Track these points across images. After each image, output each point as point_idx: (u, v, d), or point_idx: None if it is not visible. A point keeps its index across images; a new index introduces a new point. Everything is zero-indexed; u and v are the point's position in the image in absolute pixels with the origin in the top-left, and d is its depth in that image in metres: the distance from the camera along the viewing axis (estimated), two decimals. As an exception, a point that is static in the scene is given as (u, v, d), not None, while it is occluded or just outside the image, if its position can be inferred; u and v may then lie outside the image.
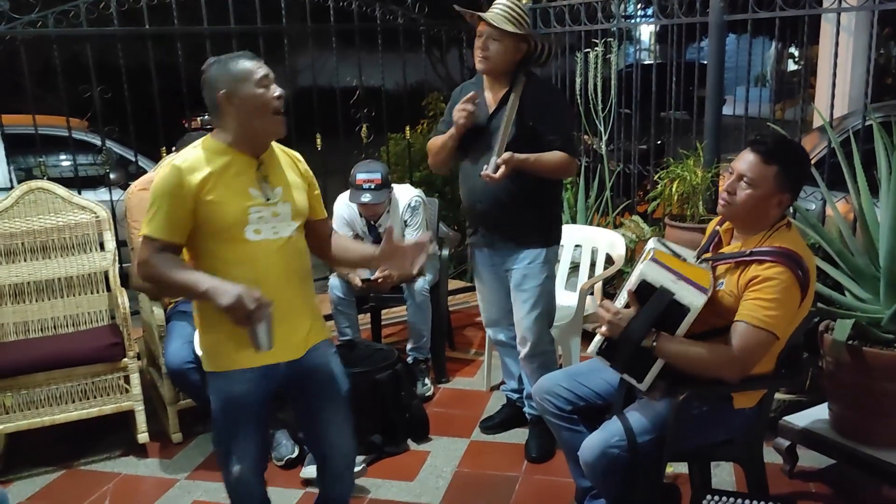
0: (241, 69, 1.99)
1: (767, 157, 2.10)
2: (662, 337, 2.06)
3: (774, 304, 2.02)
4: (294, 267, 2.10)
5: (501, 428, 3.26)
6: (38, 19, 3.64)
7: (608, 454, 2.11)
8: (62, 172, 4.91)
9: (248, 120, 1.99)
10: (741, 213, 2.15)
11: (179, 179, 1.95)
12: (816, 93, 5.31)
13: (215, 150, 2.01)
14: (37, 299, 3.35)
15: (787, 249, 2.07)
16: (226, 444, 2.11)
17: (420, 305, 3.61)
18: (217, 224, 1.98)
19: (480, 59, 2.79)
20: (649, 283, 2.07)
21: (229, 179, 1.99)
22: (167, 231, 1.97)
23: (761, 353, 2.07)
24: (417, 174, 5.19)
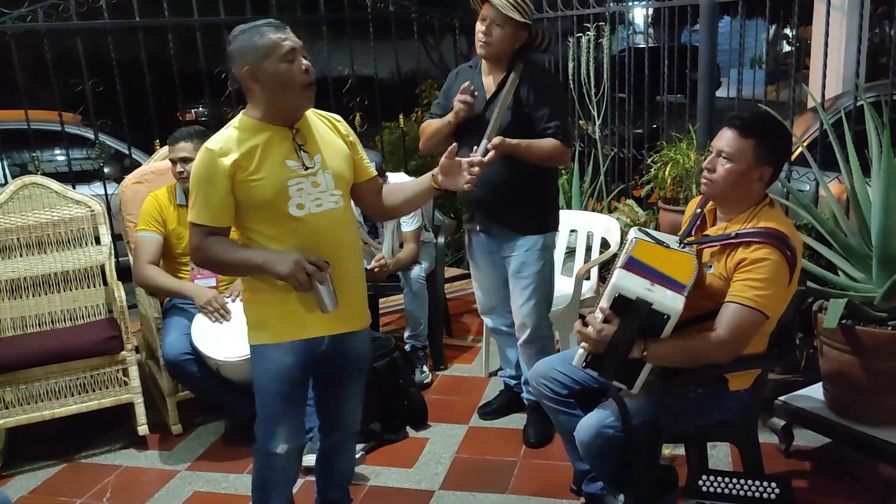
0: (266, 43, 1.93)
1: (744, 131, 2.11)
2: (650, 346, 2.02)
3: (765, 284, 2.03)
4: (342, 240, 2.09)
5: (499, 414, 3.28)
6: (28, 13, 3.63)
7: (603, 434, 2.13)
8: (56, 167, 4.91)
9: (275, 96, 1.96)
10: (723, 189, 2.15)
11: (213, 162, 1.94)
12: (810, 73, 5.31)
13: (248, 128, 1.99)
14: (33, 294, 3.36)
15: (773, 230, 2.08)
16: (275, 422, 2.13)
17: (416, 293, 3.62)
18: (257, 201, 1.97)
19: (482, 43, 2.78)
20: (624, 296, 2.02)
21: (265, 154, 1.97)
22: (209, 216, 1.98)
23: (752, 333, 2.08)
24: (413, 163, 5.18)
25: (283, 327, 2.06)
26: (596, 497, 2.47)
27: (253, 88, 1.97)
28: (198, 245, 2.00)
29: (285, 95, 1.96)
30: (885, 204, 2.60)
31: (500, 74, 2.83)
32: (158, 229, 3.19)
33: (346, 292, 2.07)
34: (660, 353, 2.04)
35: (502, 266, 3.01)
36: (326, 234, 2.03)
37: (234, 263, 2.02)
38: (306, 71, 1.96)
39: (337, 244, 2.06)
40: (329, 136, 2.11)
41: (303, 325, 2.06)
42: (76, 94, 3.94)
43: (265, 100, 1.97)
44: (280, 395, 2.12)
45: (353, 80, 4.52)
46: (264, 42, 1.92)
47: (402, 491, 2.78)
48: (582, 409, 2.34)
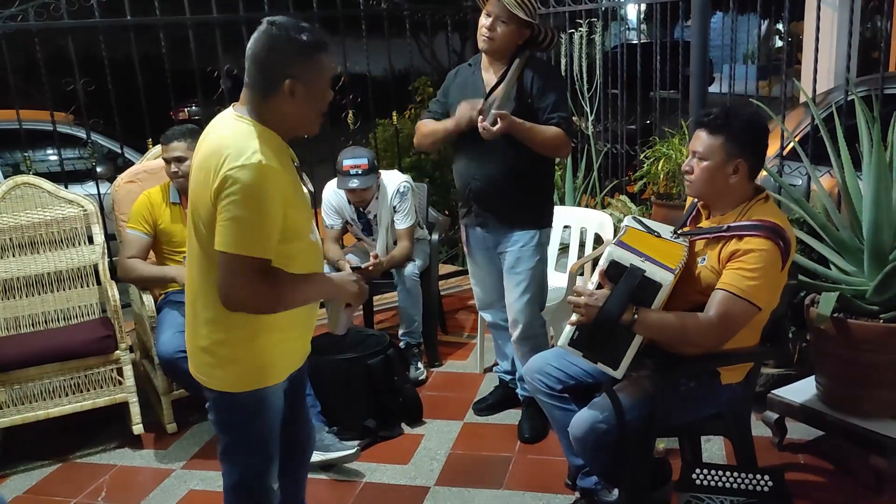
0: (324, 63, 1.72)
1: (712, 129, 2.16)
2: (641, 311, 2.04)
3: (757, 275, 2.04)
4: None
5: (494, 409, 3.29)
6: (19, 13, 3.61)
7: (597, 429, 2.14)
8: (49, 167, 4.89)
9: (303, 115, 1.75)
10: (703, 188, 2.20)
11: (277, 182, 1.66)
12: (802, 68, 5.33)
13: (270, 141, 1.71)
14: (27, 294, 3.35)
15: (766, 221, 2.09)
16: (268, 463, 1.91)
17: (410, 290, 3.63)
18: (294, 229, 1.74)
19: (486, 38, 2.79)
20: (618, 263, 2.07)
21: (291, 175, 1.76)
22: (271, 245, 1.66)
23: (741, 323, 2.08)
24: (406, 160, 5.18)
25: (285, 362, 1.88)
26: (590, 491, 2.48)
27: (282, 98, 1.69)
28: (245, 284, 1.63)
29: (312, 116, 1.77)
30: (877, 198, 2.61)
31: (500, 70, 2.84)
32: (147, 229, 3.20)
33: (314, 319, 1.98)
34: (649, 320, 2.04)
35: (498, 261, 3.02)
36: (320, 255, 1.95)
37: (305, 296, 1.79)
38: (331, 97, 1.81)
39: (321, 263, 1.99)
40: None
41: (299, 352, 1.94)
42: (68, 93, 3.93)
43: (286, 115, 1.72)
44: (274, 437, 1.91)
45: (346, 77, 4.52)
46: (324, 61, 1.72)
47: (397, 487, 2.78)
48: (576, 403, 2.34)
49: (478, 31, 2.84)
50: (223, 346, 1.78)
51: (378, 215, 3.69)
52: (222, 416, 1.86)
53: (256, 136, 1.68)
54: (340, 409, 3.06)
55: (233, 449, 1.89)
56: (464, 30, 5.13)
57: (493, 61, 2.86)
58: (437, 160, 5.16)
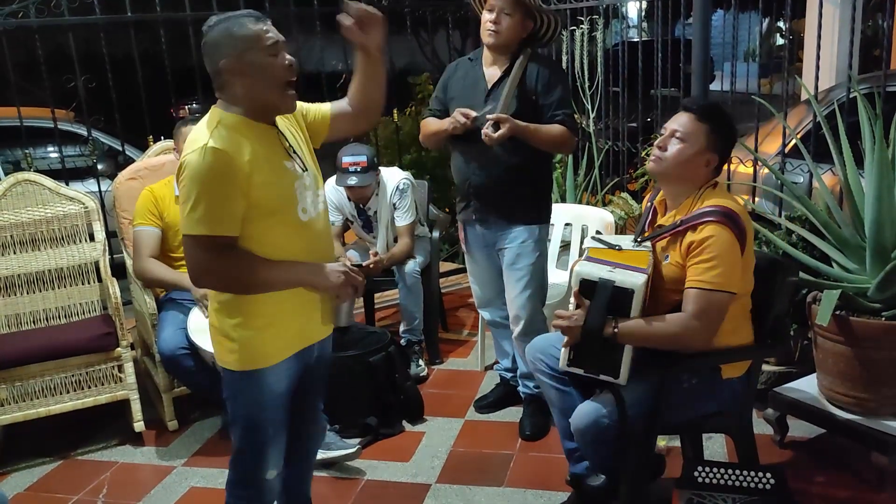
0: (247, 34, 1.75)
1: (700, 116, 2.18)
2: (620, 322, 2.08)
3: (715, 262, 2.07)
4: (332, 239, 2.04)
5: (495, 407, 3.28)
6: (19, 10, 3.61)
7: (599, 423, 2.14)
8: (50, 164, 4.89)
9: (256, 92, 1.78)
10: (672, 167, 2.20)
11: (229, 162, 1.71)
12: (804, 66, 5.31)
13: (237, 126, 1.78)
14: (28, 291, 3.35)
15: (717, 206, 2.12)
16: (263, 450, 1.95)
17: (411, 288, 3.62)
18: (266, 209, 1.78)
19: (491, 32, 2.78)
20: (588, 280, 2.12)
21: (266, 155, 1.79)
22: (232, 224, 1.74)
23: (720, 314, 2.10)
24: (407, 157, 5.18)
25: (279, 344, 1.88)
26: (580, 476, 2.48)
27: (231, 83, 1.78)
28: (216, 262, 1.74)
29: (268, 91, 1.79)
30: (879, 195, 2.60)
31: (502, 66, 2.84)
32: (156, 223, 3.19)
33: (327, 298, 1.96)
34: (629, 330, 2.09)
35: (497, 258, 3.02)
36: (322, 235, 1.95)
37: (272, 280, 1.80)
38: (290, 66, 1.79)
39: (330, 246, 1.99)
40: (293, 127, 1.96)
41: (294, 336, 1.92)
42: (68, 90, 3.92)
43: (245, 96, 1.78)
44: (272, 422, 1.94)
45: (347, 75, 4.50)
46: (245, 33, 1.75)
47: (398, 485, 2.78)
48: (576, 388, 2.36)
49: (481, 26, 2.83)
50: (225, 327, 1.88)
51: (378, 212, 3.69)
52: (226, 390, 1.95)
53: (218, 123, 1.77)
54: (341, 406, 3.05)
55: (233, 422, 1.98)
56: (464, 27, 5.12)
57: (496, 56, 2.86)
58: (437, 157, 5.16)
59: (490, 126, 2.69)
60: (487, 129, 2.69)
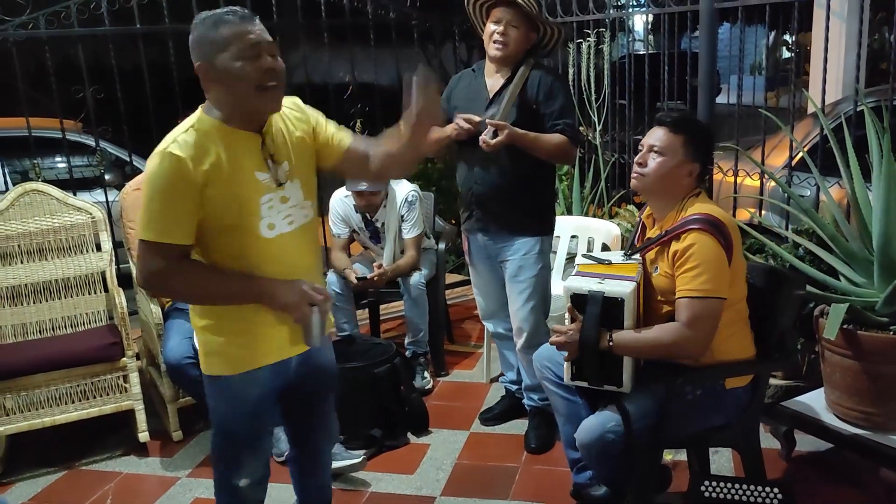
0: (223, 35, 1.67)
1: (674, 128, 2.21)
2: (615, 333, 2.13)
3: (700, 269, 2.09)
4: (312, 256, 1.93)
5: (501, 419, 3.27)
6: (29, 21, 3.64)
7: (605, 438, 2.14)
8: (57, 174, 4.91)
9: (231, 96, 1.71)
10: (653, 183, 2.23)
11: (183, 170, 1.66)
12: (810, 79, 5.32)
13: (210, 131, 1.72)
14: (34, 301, 3.36)
15: (698, 214, 2.14)
16: (234, 457, 1.94)
17: (416, 300, 3.62)
18: (226, 220, 1.74)
19: (500, 45, 2.78)
20: (579, 294, 2.17)
21: (234, 165, 1.72)
22: (181, 233, 1.70)
23: (713, 321, 2.11)
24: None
25: (246, 354, 1.84)
26: (582, 486, 2.47)
27: (208, 87, 1.73)
28: (164, 269, 1.70)
29: (241, 97, 1.70)
30: (886, 208, 2.59)
31: (505, 75, 2.85)
32: None
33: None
34: (624, 342, 2.13)
35: (500, 270, 3.02)
36: (298, 253, 1.85)
37: (225, 292, 1.76)
38: (268, 70, 1.69)
39: (309, 261, 1.89)
40: (295, 134, 1.86)
41: (268, 348, 1.86)
42: (77, 100, 3.95)
43: (222, 100, 1.73)
44: (243, 431, 1.92)
45: (354, 86, 4.53)
46: (222, 34, 1.67)
47: (403, 497, 2.77)
48: (582, 398, 2.37)
49: (486, 39, 2.84)
50: (197, 329, 1.90)
51: (386, 223, 3.69)
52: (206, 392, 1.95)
53: (190, 126, 1.73)
54: (346, 418, 3.01)
55: (211, 426, 1.97)
56: (471, 39, 5.14)
57: (499, 67, 2.87)
58: (443, 169, 5.17)
59: (489, 133, 2.70)
60: (486, 136, 2.70)
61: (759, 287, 2.32)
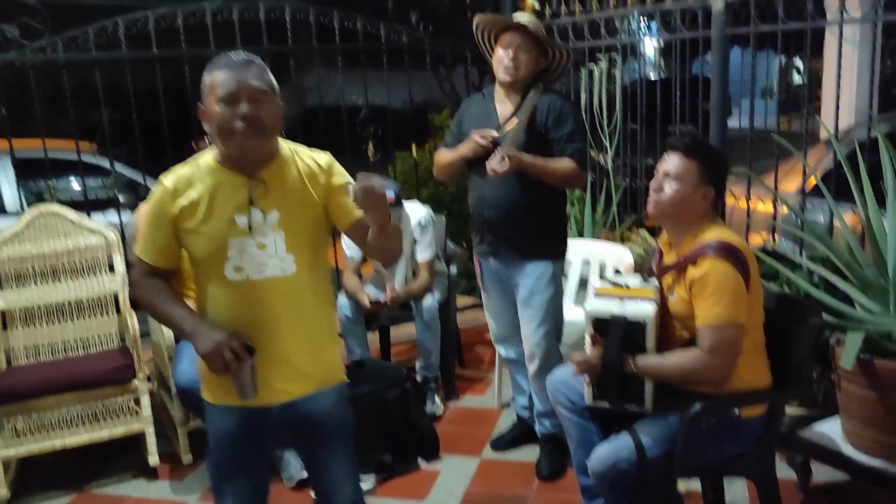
0: (211, 80, 1.74)
1: (687, 153, 2.22)
2: (639, 359, 2.15)
3: (718, 296, 2.09)
4: (293, 307, 1.85)
5: (512, 445, 3.25)
6: (48, 45, 3.68)
7: (618, 467, 2.12)
8: (72, 195, 4.95)
9: (217, 140, 1.78)
10: (669, 208, 2.23)
11: (162, 201, 1.81)
12: (822, 105, 5.31)
13: (207, 169, 1.82)
14: (47, 322, 3.37)
15: (714, 241, 2.15)
16: (216, 478, 1.98)
17: (429, 324, 3.61)
18: (195, 256, 1.83)
19: (510, 69, 2.80)
20: (600, 318, 2.18)
21: (213, 205, 1.79)
22: (151, 254, 1.85)
23: (734, 348, 2.11)
24: (425, 191, 5.20)
25: (220, 389, 1.87)
26: None
27: (206, 128, 1.81)
28: (137, 281, 1.89)
29: (220, 141, 1.77)
30: (902, 236, 2.58)
31: (515, 100, 2.86)
32: None
33: (284, 366, 1.86)
34: (648, 366, 2.15)
35: (512, 294, 3.00)
36: (265, 303, 1.81)
37: (165, 317, 1.87)
38: (242, 117, 1.71)
39: (277, 315, 1.83)
40: (300, 186, 1.85)
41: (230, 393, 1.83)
42: (93, 123, 3.99)
43: (215, 142, 1.81)
44: (224, 459, 1.95)
45: (367, 109, 4.56)
46: (212, 78, 1.75)
47: (413, 524, 2.75)
48: (596, 423, 2.36)
49: (495, 64, 2.85)
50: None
51: (397, 247, 3.68)
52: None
53: (193, 160, 1.86)
54: (356, 442, 3.01)
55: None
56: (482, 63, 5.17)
57: (509, 92, 2.88)
58: (455, 192, 5.18)
59: (496, 160, 2.70)
60: (494, 164, 2.70)
61: (773, 314, 2.30)
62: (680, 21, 3.91)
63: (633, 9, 4.20)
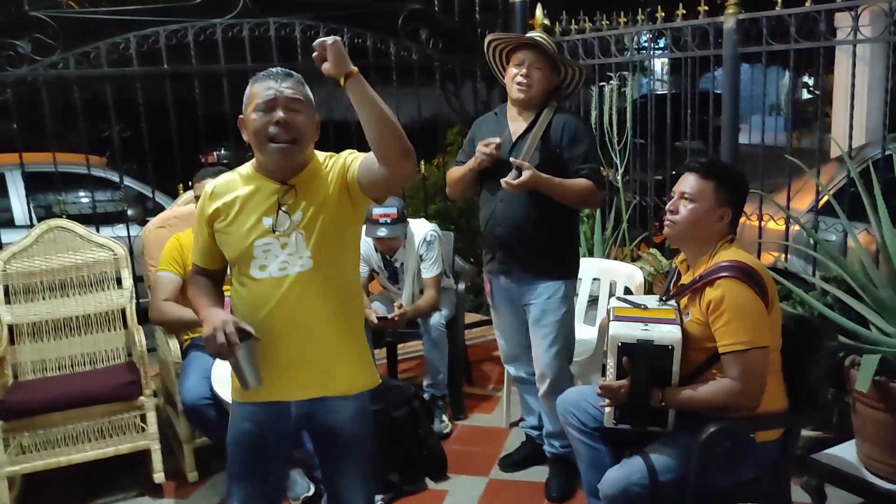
0: (249, 93, 1.89)
1: (704, 174, 2.21)
2: (667, 393, 2.12)
3: (737, 320, 2.06)
4: (312, 305, 1.91)
5: (521, 466, 3.21)
6: (60, 61, 3.70)
7: (630, 491, 2.09)
8: (81, 209, 4.96)
9: (254, 147, 1.91)
10: (685, 229, 2.22)
11: (203, 204, 1.97)
12: (833, 122, 5.29)
13: (245, 175, 1.96)
14: (55, 337, 3.36)
15: (730, 261, 2.12)
16: (230, 478, 2.04)
17: (436, 341, 3.58)
18: (229, 254, 1.95)
19: (523, 87, 2.79)
20: (626, 343, 2.14)
21: (245, 208, 1.92)
22: (196, 255, 2.04)
23: (762, 370, 2.09)
24: (433, 206, 5.19)
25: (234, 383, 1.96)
26: None
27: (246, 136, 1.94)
28: (189, 279, 2.11)
29: (257, 148, 1.89)
30: (917, 257, 2.55)
31: (528, 118, 2.84)
32: (178, 271, 3.20)
33: (306, 363, 1.93)
34: (678, 400, 2.12)
35: (523, 313, 2.98)
36: (284, 299, 1.89)
37: (194, 307, 2.03)
38: (277, 123, 1.82)
39: (297, 311, 1.90)
40: (324, 188, 1.92)
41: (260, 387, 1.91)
42: (103, 137, 4.00)
43: (254, 150, 1.93)
44: (238, 458, 2.01)
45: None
46: (252, 89, 1.88)
47: (421, 546, 2.71)
48: (606, 446, 2.33)
49: (507, 82, 2.84)
50: None
51: (404, 264, 3.67)
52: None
53: (236, 168, 1.99)
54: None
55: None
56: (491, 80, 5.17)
57: (522, 111, 2.87)
58: (463, 207, 5.16)
59: (513, 174, 2.68)
60: (509, 178, 2.68)
61: (787, 335, 2.27)
62: (691, 39, 3.89)
63: (643, 26, 4.20)
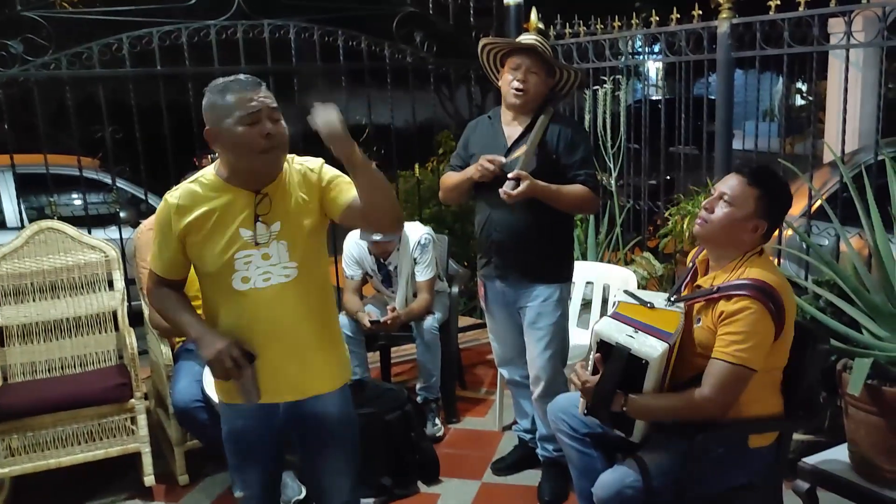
0: (225, 105, 1.82)
1: (751, 180, 2.12)
2: (630, 400, 2.07)
3: (743, 337, 2.01)
4: (295, 311, 1.95)
5: (513, 469, 3.20)
6: (52, 61, 3.68)
7: (623, 494, 2.07)
8: (73, 211, 4.93)
9: (233, 159, 1.86)
10: (716, 231, 2.14)
11: (167, 217, 1.92)
12: (826, 127, 5.31)
13: (212, 186, 1.91)
14: (45, 339, 3.34)
15: (755, 280, 2.05)
16: (231, 469, 2.12)
17: (429, 344, 3.57)
18: (205, 268, 1.93)
19: (519, 92, 2.78)
20: (606, 342, 2.09)
21: (220, 221, 1.89)
22: (159, 266, 1.98)
23: (738, 389, 2.05)
24: (427, 211, 5.19)
25: (232, 391, 1.98)
26: None
27: (216, 148, 1.89)
28: (150, 289, 2.05)
29: (241, 160, 1.85)
30: (910, 261, 2.55)
31: (523, 122, 2.84)
32: None
33: (289, 366, 1.97)
34: (639, 407, 2.08)
35: (518, 317, 2.98)
36: (269, 309, 1.92)
37: (175, 323, 2.00)
38: (267, 135, 1.82)
39: (281, 319, 1.93)
40: (297, 194, 1.94)
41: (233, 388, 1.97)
42: (96, 138, 3.98)
43: (225, 161, 1.90)
44: (235, 452, 2.10)
45: (371, 128, 4.56)
46: (225, 102, 1.82)
47: (412, 549, 2.70)
48: (598, 451, 2.32)
49: (505, 87, 2.83)
50: None
51: (398, 267, 3.67)
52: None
53: (196, 178, 1.94)
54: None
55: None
56: (485, 83, 5.17)
57: (517, 115, 2.86)
58: (457, 211, 5.16)
59: (510, 184, 2.68)
60: (507, 188, 2.68)
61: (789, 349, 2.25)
62: (685, 43, 3.90)
63: (637, 31, 4.21)
